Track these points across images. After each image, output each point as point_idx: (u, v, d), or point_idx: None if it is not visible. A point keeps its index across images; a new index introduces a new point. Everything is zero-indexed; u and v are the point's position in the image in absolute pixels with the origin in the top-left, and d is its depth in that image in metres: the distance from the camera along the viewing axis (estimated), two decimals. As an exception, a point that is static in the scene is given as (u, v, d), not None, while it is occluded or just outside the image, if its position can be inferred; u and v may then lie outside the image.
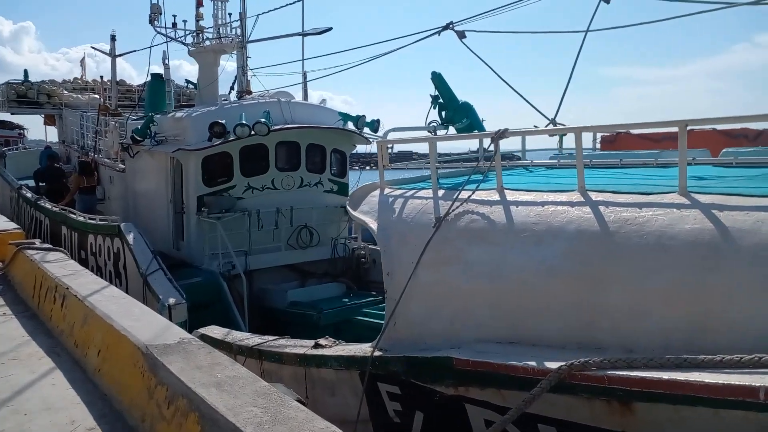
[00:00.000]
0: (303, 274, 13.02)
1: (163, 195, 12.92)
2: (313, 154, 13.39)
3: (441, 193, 5.80)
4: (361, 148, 14.31)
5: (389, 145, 6.59)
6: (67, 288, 6.75)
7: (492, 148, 5.64)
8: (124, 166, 15.19)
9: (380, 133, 13.19)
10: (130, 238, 10.44)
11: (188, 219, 12.08)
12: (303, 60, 14.51)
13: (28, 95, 23.42)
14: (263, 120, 11.42)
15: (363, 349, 5.77)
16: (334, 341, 6.23)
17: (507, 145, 6.83)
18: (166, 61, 13.76)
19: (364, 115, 12.85)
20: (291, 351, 6.29)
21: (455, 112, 7.46)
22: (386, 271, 5.67)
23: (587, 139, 8.24)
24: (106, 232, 11.49)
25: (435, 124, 7.56)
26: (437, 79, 7.56)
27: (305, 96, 14.59)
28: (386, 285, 5.69)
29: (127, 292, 10.40)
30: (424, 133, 7.48)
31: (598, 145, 8.75)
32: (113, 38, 21.53)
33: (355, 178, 14.47)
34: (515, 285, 4.64)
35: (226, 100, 13.20)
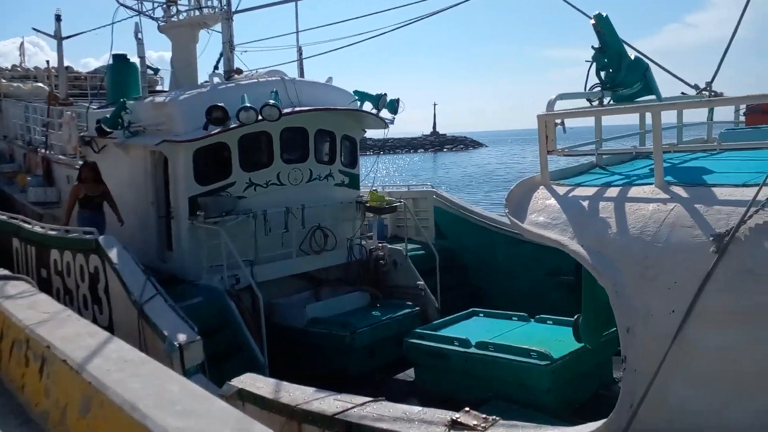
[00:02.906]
0: (314, 283, 11.03)
1: (142, 197, 10.68)
2: (322, 142, 11.37)
3: (680, 191, 3.89)
4: (372, 134, 12.34)
5: (557, 121, 4.64)
6: (48, 346, 4.62)
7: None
8: (86, 164, 12.76)
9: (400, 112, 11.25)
10: (113, 255, 8.22)
11: (178, 225, 9.91)
12: (297, 32, 12.47)
13: (-42, 86, 20.43)
14: (272, 102, 9.33)
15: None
16: (486, 419, 4.31)
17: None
18: (140, 35, 11.36)
19: (385, 94, 10.88)
20: None
21: (627, 72, 5.47)
22: (624, 325, 3.79)
23: (728, 111, 6.55)
24: (77, 247, 9.21)
25: (600, 89, 5.54)
26: (604, 24, 5.37)
27: (301, 76, 12.51)
28: (624, 347, 3.82)
29: (110, 324, 8.28)
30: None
31: (742, 117, 7.07)
32: (58, 18, 18.72)
33: (368, 167, 12.60)
34: None
35: (215, 80, 10.97)
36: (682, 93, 5.63)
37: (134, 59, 13.75)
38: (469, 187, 43.96)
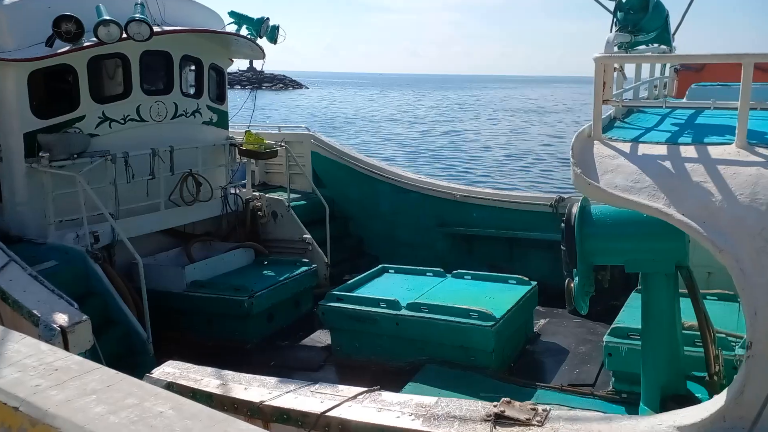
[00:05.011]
0: (180, 239, 9.53)
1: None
2: (187, 71, 9.66)
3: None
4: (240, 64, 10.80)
5: (616, 66, 3.88)
6: None
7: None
8: None
9: (279, 42, 9.93)
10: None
11: (10, 169, 7.74)
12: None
13: None
14: (139, 15, 7.50)
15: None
16: (534, 409, 3.63)
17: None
18: None
19: (267, 18, 9.43)
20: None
21: (653, 14, 4.78)
22: (751, 306, 3.26)
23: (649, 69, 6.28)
24: None
25: (622, 33, 4.75)
26: None
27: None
28: (750, 331, 3.30)
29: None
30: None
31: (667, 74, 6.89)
32: None
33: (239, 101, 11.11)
34: None
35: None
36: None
37: None
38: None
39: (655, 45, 5.35)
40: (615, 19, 4.64)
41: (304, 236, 9.90)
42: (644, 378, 4.62)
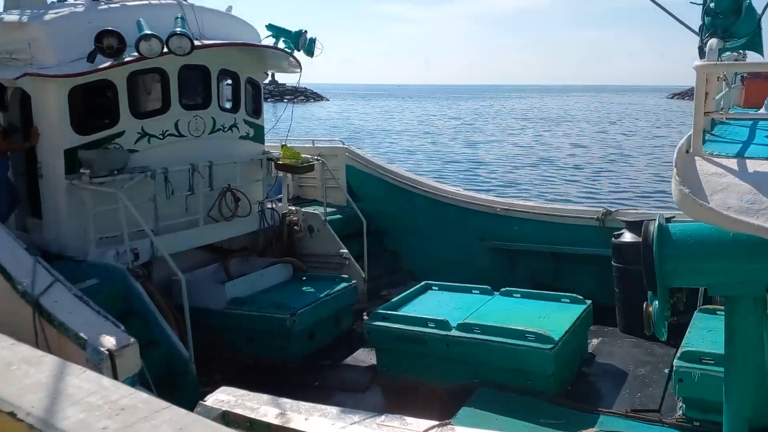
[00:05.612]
0: (218, 254, 9.40)
1: (-13, 147, 8.14)
2: (225, 85, 9.59)
3: None
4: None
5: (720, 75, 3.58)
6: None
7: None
8: None
9: (316, 55, 9.79)
10: (-22, 228, 5.99)
11: (50, 185, 7.68)
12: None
13: None
14: (180, 29, 7.42)
15: None
16: None
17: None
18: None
19: (305, 31, 9.31)
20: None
21: (746, 18, 4.47)
22: None
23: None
24: None
25: (715, 38, 4.42)
26: None
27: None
28: None
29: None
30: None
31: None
32: None
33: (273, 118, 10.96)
34: None
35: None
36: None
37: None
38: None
39: (728, 53, 5.04)
40: (702, 25, 4.33)
41: (341, 251, 9.72)
42: (728, 408, 4.30)
